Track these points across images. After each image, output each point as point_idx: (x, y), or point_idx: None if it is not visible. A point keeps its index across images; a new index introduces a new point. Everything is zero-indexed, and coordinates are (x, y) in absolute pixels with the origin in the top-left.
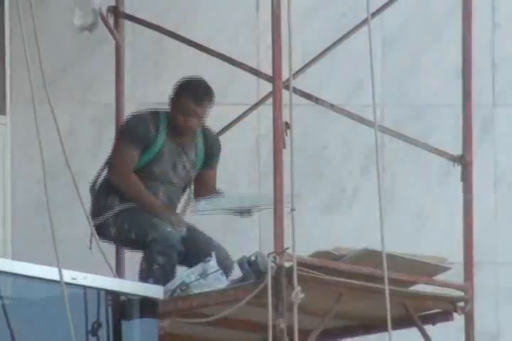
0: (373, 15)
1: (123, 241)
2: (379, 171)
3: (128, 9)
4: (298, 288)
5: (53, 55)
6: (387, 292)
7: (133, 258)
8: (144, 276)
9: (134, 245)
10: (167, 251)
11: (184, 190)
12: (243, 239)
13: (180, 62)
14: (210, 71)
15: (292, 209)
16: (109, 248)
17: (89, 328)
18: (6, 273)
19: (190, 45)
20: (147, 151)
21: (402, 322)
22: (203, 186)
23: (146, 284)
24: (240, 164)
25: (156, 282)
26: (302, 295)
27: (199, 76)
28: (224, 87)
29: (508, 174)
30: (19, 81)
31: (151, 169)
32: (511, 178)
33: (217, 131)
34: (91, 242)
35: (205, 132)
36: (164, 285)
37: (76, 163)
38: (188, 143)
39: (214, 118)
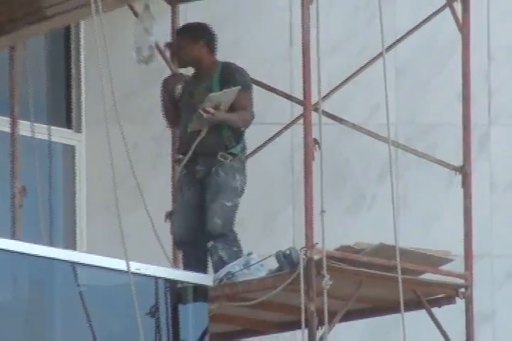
0: (388, 49)
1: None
2: (392, 180)
3: None
4: (327, 277)
5: (121, 83)
6: (400, 280)
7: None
8: (222, 264)
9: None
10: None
11: None
12: (279, 237)
13: None
14: None
15: (322, 211)
16: (169, 243)
17: (151, 311)
18: (82, 264)
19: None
20: None
21: (413, 305)
22: (234, 106)
23: (197, 273)
24: (276, 174)
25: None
26: (330, 283)
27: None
28: (262, 110)
29: (501, 182)
30: (93, 105)
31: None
32: (504, 185)
33: (256, 146)
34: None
35: (223, 65)
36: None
37: (139, 173)
38: (202, 76)
39: (253, 135)
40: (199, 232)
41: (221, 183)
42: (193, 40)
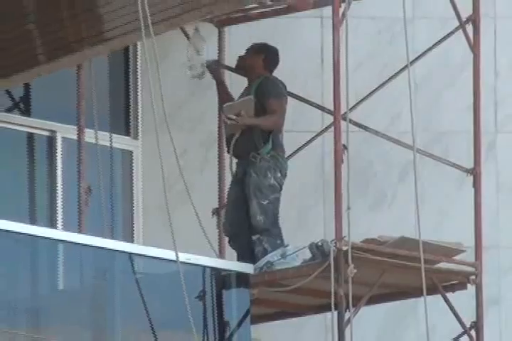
0: (413, 63)
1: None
2: (416, 181)
3: (227, 62)
4: (351, 266)
5: (173, 95)
6: (423, 268)
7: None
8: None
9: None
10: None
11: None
12: (312, 230)
13: None
14: (287, 108)
15: (348, 208)
16: (214, 236)
17: (199, 295)
18: (139, 254)
19: None
20: None
21: (429, 290)
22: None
23: (240, 263)
24: (309, 176)
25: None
26: (355, 271)
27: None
28: (297, 119)
29: (507, 182)
30: (148, 115)
31: None
32: (510, 184)
33: (291, 151)
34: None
35: (263, 78)
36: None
37: (189, 175)
38: (249, 86)
39: (289, 141)
40: (240, 227)
41: (254, 183)
42: (257, 51)
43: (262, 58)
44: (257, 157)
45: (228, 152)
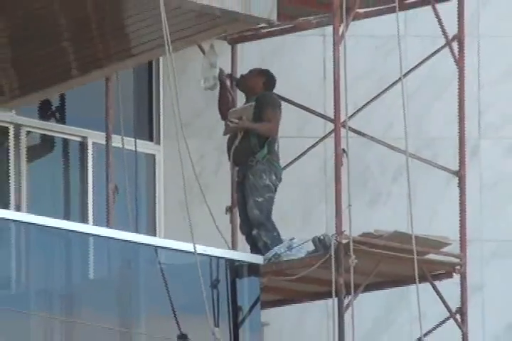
0: (405, 76)
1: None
2: (408, 181)
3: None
4: (353, 257)
5: (191, 105)
6: (415, 259)
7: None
8: (266, 247)
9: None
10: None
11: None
12: (315, 225)
13: None
14: (293, 116)
15: (349, 206)
16: (227, 230)
17: (214, 283)
18: (161, 247)
19: (281, 100)
20: None
21: (420, 279)
22: (262, 118)
23: (251, 254)
24: (312, 177)
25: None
26: (356, 261)
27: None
28: (302, 126)
29: (488, 183)
30: (169, 122)
31: None
32: (491, 185)
33: (297, 155)
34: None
35: (260, 94)
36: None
37: (205, 177)
38: (247, 101)
39: (295, 146)
40: (248, 226)
41: (251, 184)
42: (259, 74)
43: (262, 81)
44: (254, 160)
45: (229, 160)
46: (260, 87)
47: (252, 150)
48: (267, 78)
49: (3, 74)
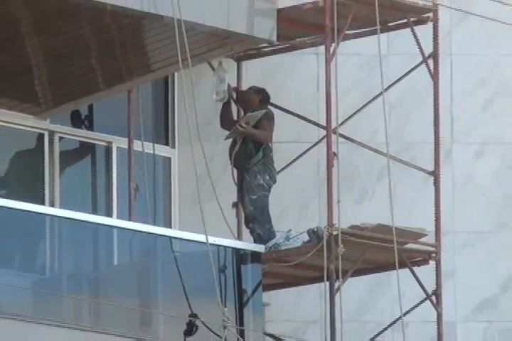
0: (387, 89)
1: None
2: (390, 180)
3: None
4: (341, 246)
5: (203, 113)
6: (395, 248)
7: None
8: (260, 239)
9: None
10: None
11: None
12: (310, 219)
13: (277, 120)
14: (290, 124)
15: (338, 202)
16: (234, 223)
17: (222, 269)
18: (175, 237)
19: (281, 110)
20: None
21: (400, 265)
22: (259, 127)
23: (254, 244)
24: (307, 177)
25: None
26: (344, 250)
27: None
28: (298, 133)
29: (460, 182)
30: (183, 129)
31: None
32: (462, 184)
33: (294, 157)
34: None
35: (256, 107)
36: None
37: (215, 176)
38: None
39: (292, 150)
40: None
41: (247, 183)
42: (256, 92)
43: (259, 98)
44: (250, 163)
45: (231, 164)
46: (256, 103)
47: (249, 154)
48: (263, 96)
49: (40, 88)
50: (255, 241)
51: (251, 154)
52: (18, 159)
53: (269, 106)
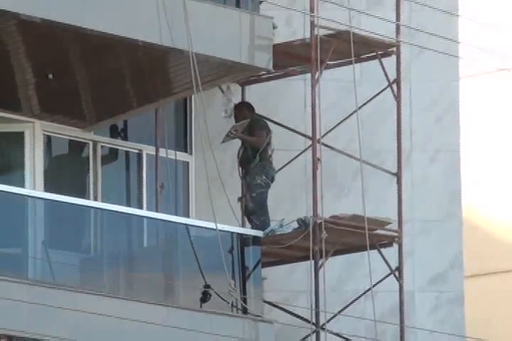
0: (360, 108)
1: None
2: (362, 180)
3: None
4: (324, 232)
5: (215, 126)
6: (367, 233)
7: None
8: (256, 227)
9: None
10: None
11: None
12: (299, 211)
13: (272, 132)
14: (283, 135)
15: (321, 197)
16: (239, 214)
17: (229, 250)
18: (193, 225)
19: (275, 124)
20: None
21: (370, 247)
22: (253, 134)
23: (254, 230)
24: (297, 177)
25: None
26: (326, 235)
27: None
28: (289, 142)
29: (417, 182)
30: (198, 139)
31: None
32: (419, 183)
33: (286, 162)
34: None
35: (252, 120)
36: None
37: (224, 176)
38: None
39: (285, 156)
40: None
41: (248, 183)
42: (248, 108)
43: (251, 112)
44: (250, 166)
45: (238, 166)
46: (246, 113)
47: (249, 159)
48: (247, 107)
49: (86, 107)
50: (256, 229)
51: (250, 159)
52: (68, 163)
53: (264, 119)
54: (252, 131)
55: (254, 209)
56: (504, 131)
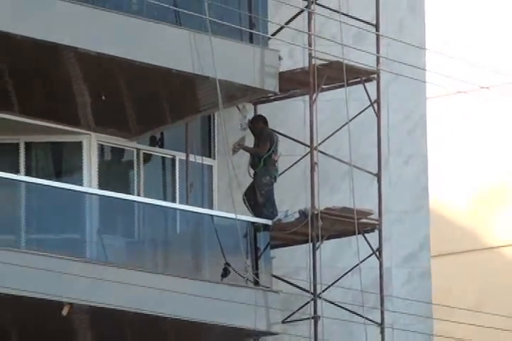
0: (348, 122)
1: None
2: (351, 180)
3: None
4: (320, 221)
5: (233, 137)
6: (356, 222)
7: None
8: (265, 217)
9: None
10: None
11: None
12: (299, 204)
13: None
14: (286, 144)
15: (318, 193)
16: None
17: (245, 234)
18: (216, 216)
19: (281, 135)
20: None
21: (358, 233)
22: (258, 145)
23: (264, 219)
24: (297, 179)
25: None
26: (321, 223)
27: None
28: (291, 149)
29: (394, 181)
30: (220, 147)
31: None
32: (395, 182)
33: (289, 165)
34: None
35: (260, 130)
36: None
37: (239, 178)
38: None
39: (289, 160)
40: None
41: (257, 182)
42: (263, 121)
43: (265, 124)
44: (257, 169)
45: (249, 170)
46: (261, 125)
47: (255, 164)
48: (263, 120)
49: (131, 122)
50: (267, 218)
51: (256, 164)
52: (117, 167)
53: (272, 131)
54: (259, 141)
55: (264, 203)
56: (463, 140)
